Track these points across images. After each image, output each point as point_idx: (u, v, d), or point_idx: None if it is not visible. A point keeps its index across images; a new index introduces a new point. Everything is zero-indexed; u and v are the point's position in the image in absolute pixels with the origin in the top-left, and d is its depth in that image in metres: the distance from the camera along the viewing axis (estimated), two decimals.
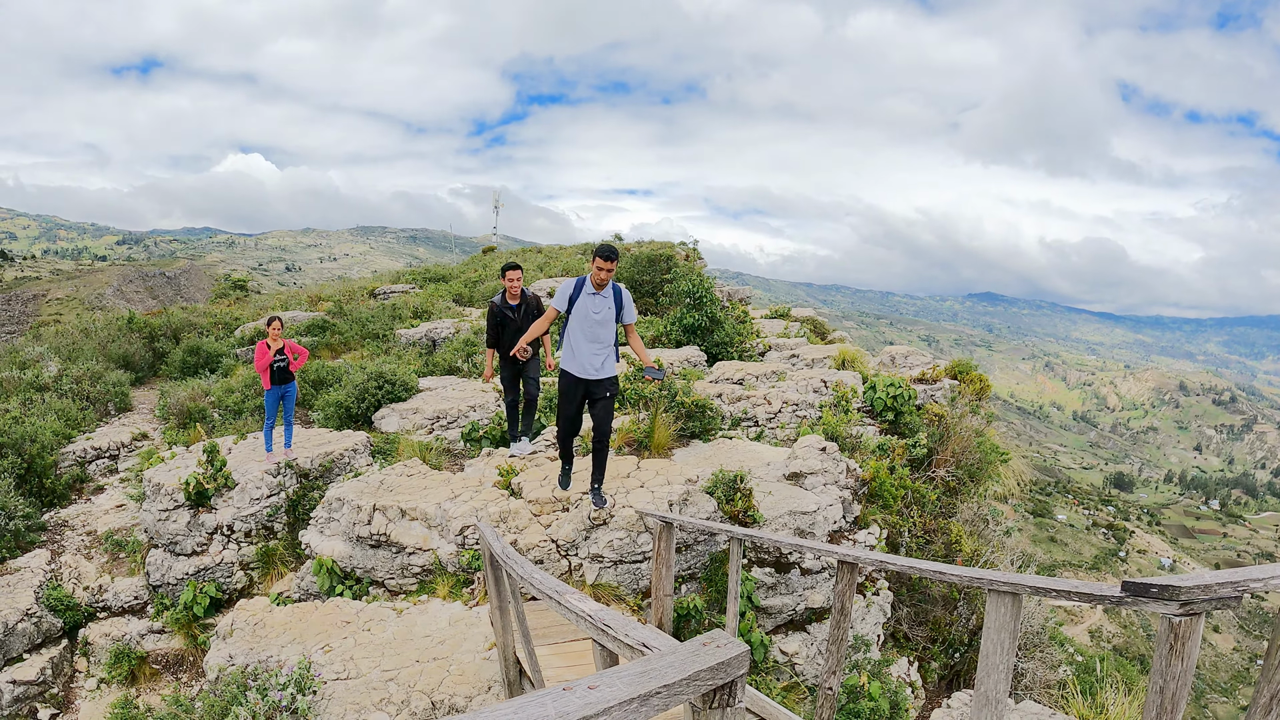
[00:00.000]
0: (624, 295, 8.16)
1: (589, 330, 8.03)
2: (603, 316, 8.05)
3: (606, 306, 8.04)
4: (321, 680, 6.23)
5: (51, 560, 10.49)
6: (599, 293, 7.99)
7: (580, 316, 8.01)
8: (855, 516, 9.40)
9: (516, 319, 10.11)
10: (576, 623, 2.64)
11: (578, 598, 2.75)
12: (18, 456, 12.02)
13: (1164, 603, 2.61)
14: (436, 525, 8.61)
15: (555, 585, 3.04)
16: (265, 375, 10.79)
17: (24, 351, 19.08)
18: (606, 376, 8.20)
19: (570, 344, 8.14)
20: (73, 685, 9.54)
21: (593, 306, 7.99)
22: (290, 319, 22.44)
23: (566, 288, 8.05)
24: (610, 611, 2.48)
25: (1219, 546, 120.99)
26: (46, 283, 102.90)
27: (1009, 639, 3.28)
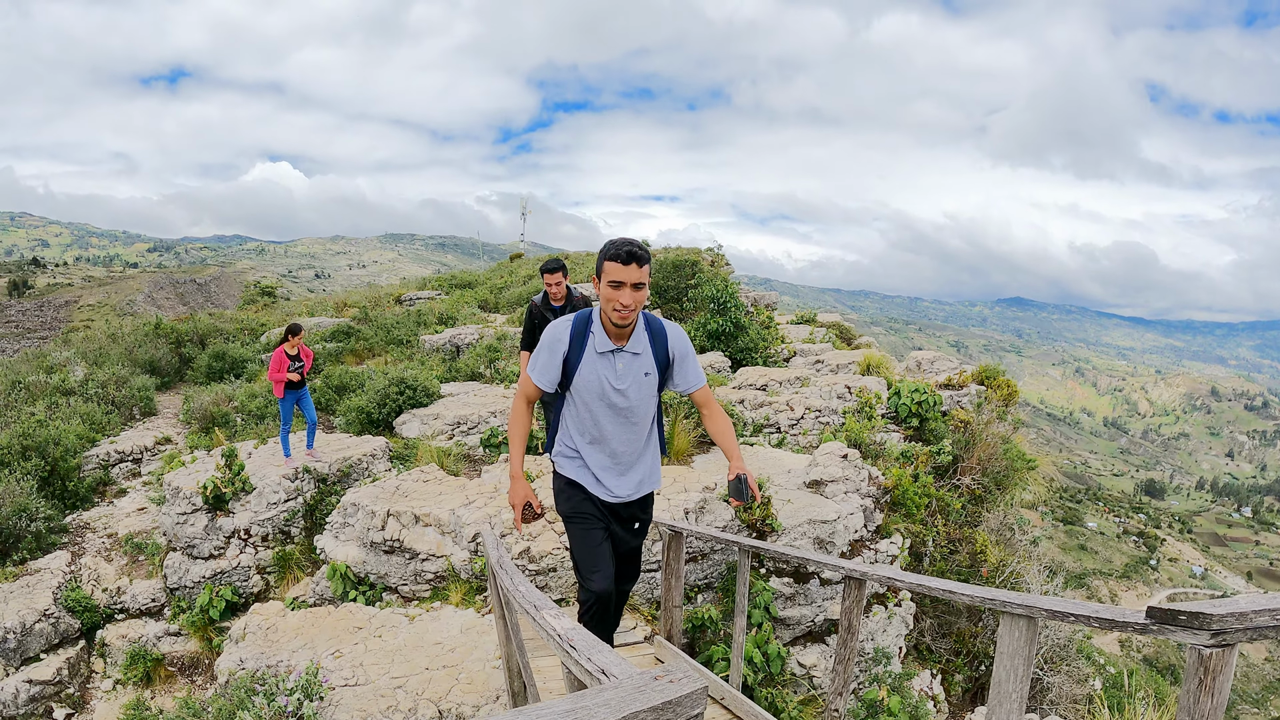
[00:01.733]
0: (671, 337, 4.52)
1: (612, 412, 4.48)
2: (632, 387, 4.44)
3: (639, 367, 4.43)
4: (330, 686, 6.16)
5: (72, 562, 10.51)
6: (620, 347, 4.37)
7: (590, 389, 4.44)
8: (877, 526, 9.25)
9: None
10: (547, 640, 2.52)
11: (553, 613, 2.61)
12: (41, 459, 12.08)
13: (1193, 632, 2.31)
14: (450, 531, 8.53)
15: (535, 598, 2.92)
16: (280, 384, 10.75)
17: (51, 356, 19.23)
18: (646, 494, 4.76)
19: (578, 433, 4.59)
20: (89, 686, 9.54)
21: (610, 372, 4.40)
22: (316, 325, 22.50)
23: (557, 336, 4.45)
24: (581, 632, 2.35)
25: (1251, 555, 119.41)
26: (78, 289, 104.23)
27: (1023, 665, 3.09)
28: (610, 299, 4.06)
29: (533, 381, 4.43)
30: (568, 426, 4.56)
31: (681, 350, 4.49)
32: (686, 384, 4.53)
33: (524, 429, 4.57)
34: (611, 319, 4.17)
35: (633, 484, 4.56)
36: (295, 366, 10.90)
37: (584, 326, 4.35)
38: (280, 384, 10.78)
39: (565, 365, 4.35)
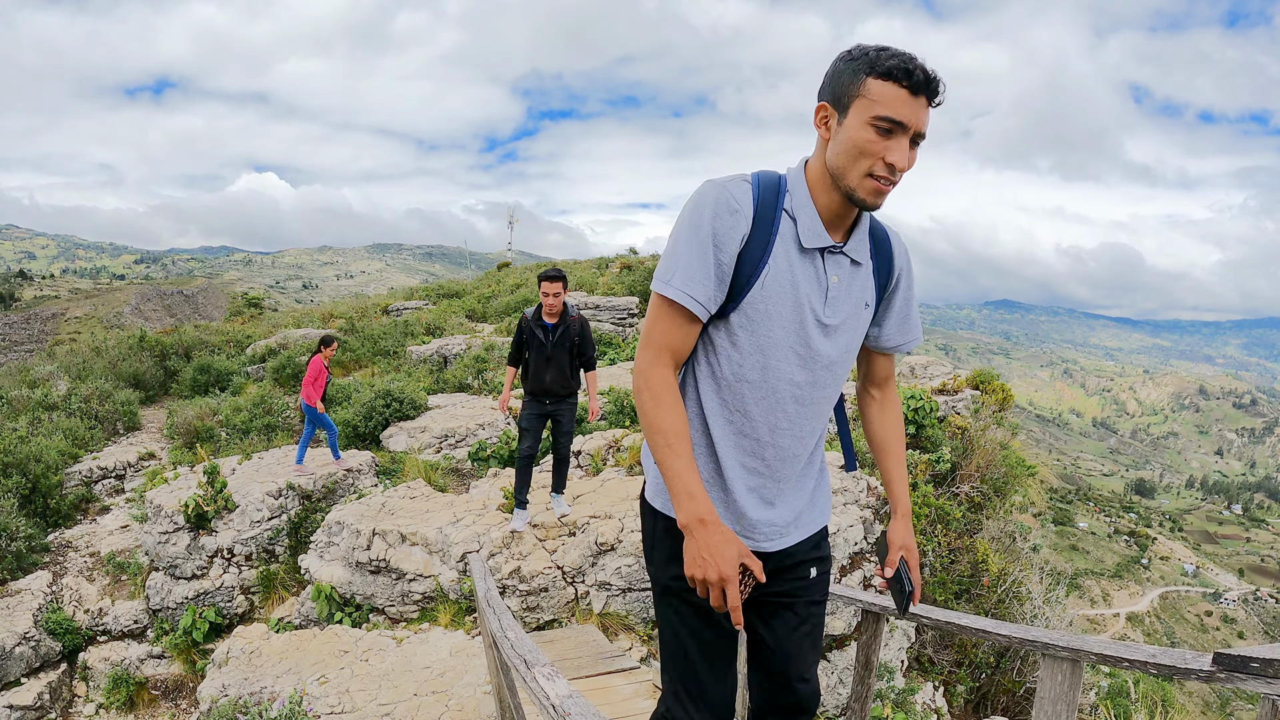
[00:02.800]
0: (897, 247, 2.53)
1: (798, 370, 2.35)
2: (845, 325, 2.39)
3: (858, 291, 2.40)
4: (314, 715, 5.94)
5: (53, 582, 10.28)
6: (837, 245, 2.31)
7: (775, 321, 2.29)
8: (876, 538, 9.06)
9: (549, 343, 7.65)
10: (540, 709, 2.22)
11: (546, 674, 2.21)
12: (22, 476, 11.85)
13: (1267, 681, 2.07)
14: (438, 551, 8.31)
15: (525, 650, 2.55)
16: (319, 391, 10.82)
17: (34, 370, 18.97)
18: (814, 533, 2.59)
19: (716, 417, 2.40)
20: (71, 710, 9.32)
21: (816, 290, 2.31)
22: (302, 336, 22.27)
23: (725, 201, 2.23)
24: (579, 701, 2.03)
25: (1242, 552, 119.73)
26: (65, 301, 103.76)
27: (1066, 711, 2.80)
28: (868, 150, 2.12)
29: (677, 302, 2.22)
30: (688, 404, 2.42)
31: (909, 273, 2.53)
32: (901, 337, 2.56)
33: (682, 421, 2.24)
34: (858, 192, 2.15)
35: (791, 514, 2.46)
36: (330, 377, 11.21)
37: (774, 197, 2.26)
38: (319, 391, 10.83)
39: (736, 269, 2.24)
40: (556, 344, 7.65)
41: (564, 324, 7.67)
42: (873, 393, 2.69)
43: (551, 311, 7.65)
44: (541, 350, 7.67)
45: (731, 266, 2.22)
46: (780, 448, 2.36)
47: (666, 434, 2.17)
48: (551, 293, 7.54)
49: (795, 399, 2.33)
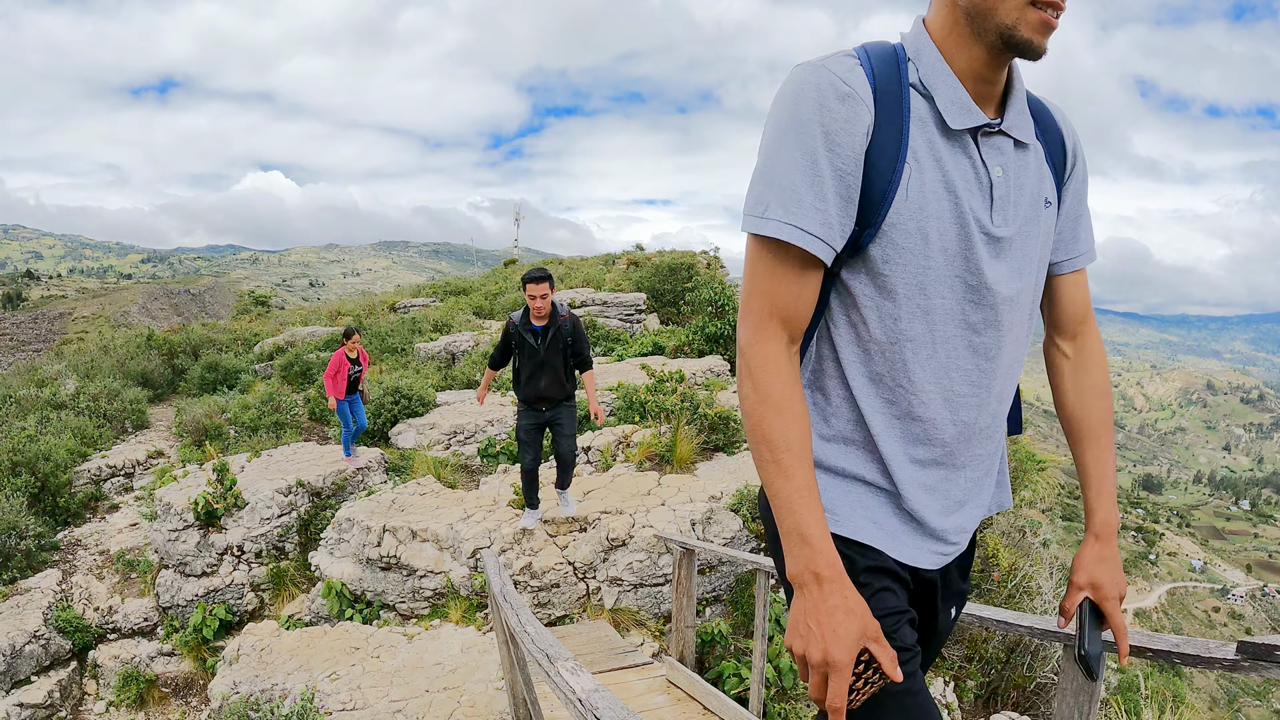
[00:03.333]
0: (1063, 121, 1.84)
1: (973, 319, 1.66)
2: (1022, 232, 1.67)
3: (1033, 182, 1.69)
4: (326, 711, 5.93)
5: (62, 580, 10.27)
6: (994, 122, 1.63)
7: (932, 239, 1.59)
8: None
9: (540, 348, 7.39)
10: (564, 704, 2.17)
11: (570, 668, 2.18)
12: (31, 475, 11.83)
13: None
14: (448, 547, 8.29)
15: (547, 645, 2.50)
16: (338, 385, 10.77)
17: (42, 369, 18.97)
18: None
19: (866, 391, 1.70)
20: (81, 709, 9.30)
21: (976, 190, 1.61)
22: (310, 334, 22.26)
23: (832, 85, 1.53)
24: (606, 695, 1.93)
25: (1250, 548, 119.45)
26: (72, 301, 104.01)
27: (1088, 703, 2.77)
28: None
29: (783, 242, 1.56)
30: (827, 385, 1.76)
31: (1083, 157, 1.88)
32: (1070, 249, 1.88)
33: (799, 425, 1.59)
34: (1018, 29, 1.51)
35: (981, 509, 1.86)
36: (353, 371, 11.00)
37: (893, 69, 1.62)
38: (339, 384, 10.78)
39: (864, 177, 1.58)
40: (548, 347, 7.36)
41: (554, 325, 7.36)
42: (1061, 345, 1.95)
43: (540, 314, 7.32)
44: (533, 355, 7.38)
45: (858, 175, 1.55)
46: (963, 424, 1.71)
47: (774, 444, 1.54)
48: (538, 295, 7.20)
49: (973, 351, 1.68)
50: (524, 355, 7.46)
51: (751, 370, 1.58)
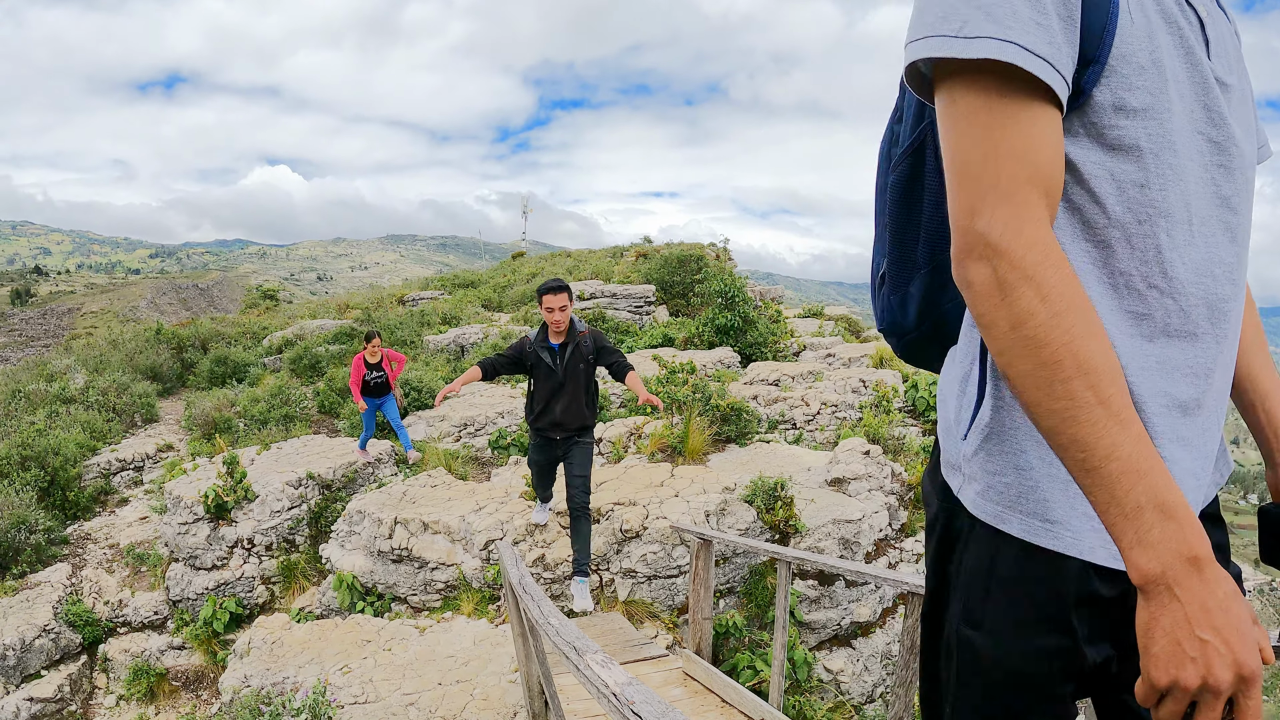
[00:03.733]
0: None
1: (1226, 191, 1.24)
2: (1242, 84, 1.29)
3: (1230, 31, 1.31)
4: (338, 705, 5.87)
5: (72, 574, 10.24)
6: None
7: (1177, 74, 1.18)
8: (902, 524, 8.96)
9: (558, 368, 6.68)
10: (596, 699, 2.02)
11: (600, 660, 2.10)
12: (41, 470, 11.81)
13: None
14: (460, 539, 8.23)
15: (573, 638, 2.37)
16: (357, 390, 10.75)
17: (51, 364, 18.96)
18: None
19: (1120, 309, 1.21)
20: (91, 702, 9.27)
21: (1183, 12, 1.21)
22: (318, 327, 22.19)
23: None
24: (640, 688, 1.85)
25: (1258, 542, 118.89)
26: (81, 296, 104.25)
27: None
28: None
29: (1019, 68, 1.07)
30: None
31: None
32: (1261, 134, 1.41)
33: (1108, 345, 1.07)
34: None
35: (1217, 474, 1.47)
36: (375, 376, 10.88)
37: None
38: (357, 388, 10.76)
39: None
40: (567, 367, 6.60)
41: (572, 341, 6.61)
42: None
43: (558, 329, 6.59)
44: (549, 376, 6.64)
45: None
46: (1225, 337, 1.27)
47: (1098, 375, 1.04)
48: (556, 306, 6.46)
49: (1231, 237, 1.26)
50: (539, 376, 6.70)
51: (1029, 271, 1.06)
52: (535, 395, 6.78)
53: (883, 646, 7.94)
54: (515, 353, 6.76)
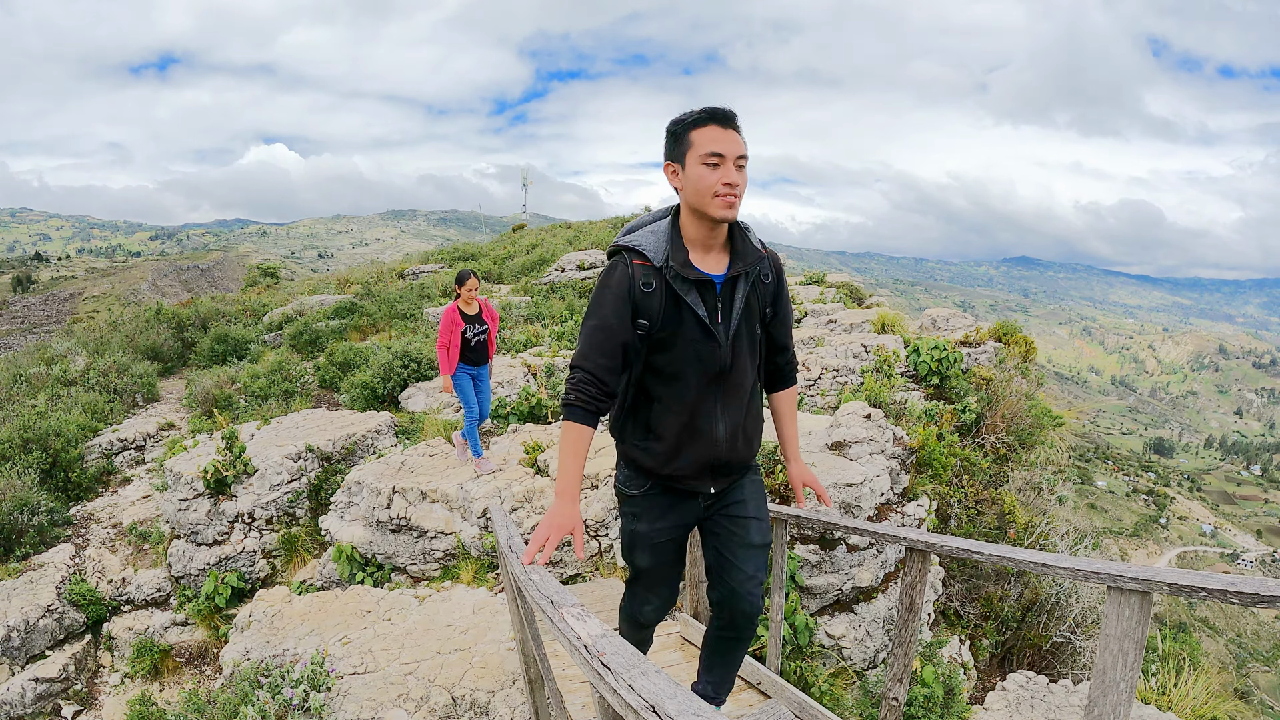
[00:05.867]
0: None
1: None
2: None
3: None
4: (337, 675, 5.86)
5: (76, 554, 10.25)
6: None
7: None
8: (904, 488, 8.91)
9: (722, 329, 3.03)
10: (570, 653, 1.97)
11: (575, 613, 2.10)
12: (43, 451, 11.82)
13: None
14: (459, 507, 8.21)
15: (551, 591, 2.37)
16: (450, 352, 8.24)
17: (52, 347, 18.97)
18: None
19: None
20: (96, 681, 9.30)
21: None
22: (318, 302, 22.16)
23: None
24: (614, 640, 1.85)
25: (1260, 513, 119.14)
26: (82, 281, 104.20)
27: (1134, 649, 2.58)
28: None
29: None
30: None
31: None
32: None
33: None
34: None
35: None
36: (477, 333, 8.32)
37: None
38: (451, 350, 8.24)
39: None
40: (737, 328, 3.18)
41: (746, 271, 3.14)
42: None
43: (714, 242, 3.12)
44: (702, 348, 3.13)
45: None
46: None
47: None
48: (726, 151, 2.91)
49: None
50: (677, 352, 3.15)
51: None
52: (659, 394, 3.24)
53: (885, 612, 7.91)
54: (615, 311, 3.08)
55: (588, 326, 3.09)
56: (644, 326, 3.08)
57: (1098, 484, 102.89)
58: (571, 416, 3.04)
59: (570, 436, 3.04)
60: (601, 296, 3.10)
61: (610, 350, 3.05)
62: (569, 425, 3.05)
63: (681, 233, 3.08)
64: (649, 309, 3.06)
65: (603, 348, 3.06)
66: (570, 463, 3.03)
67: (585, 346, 3.07)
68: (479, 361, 8.41)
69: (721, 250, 3.14)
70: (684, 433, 3.21)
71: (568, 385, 3.08)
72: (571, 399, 3.05)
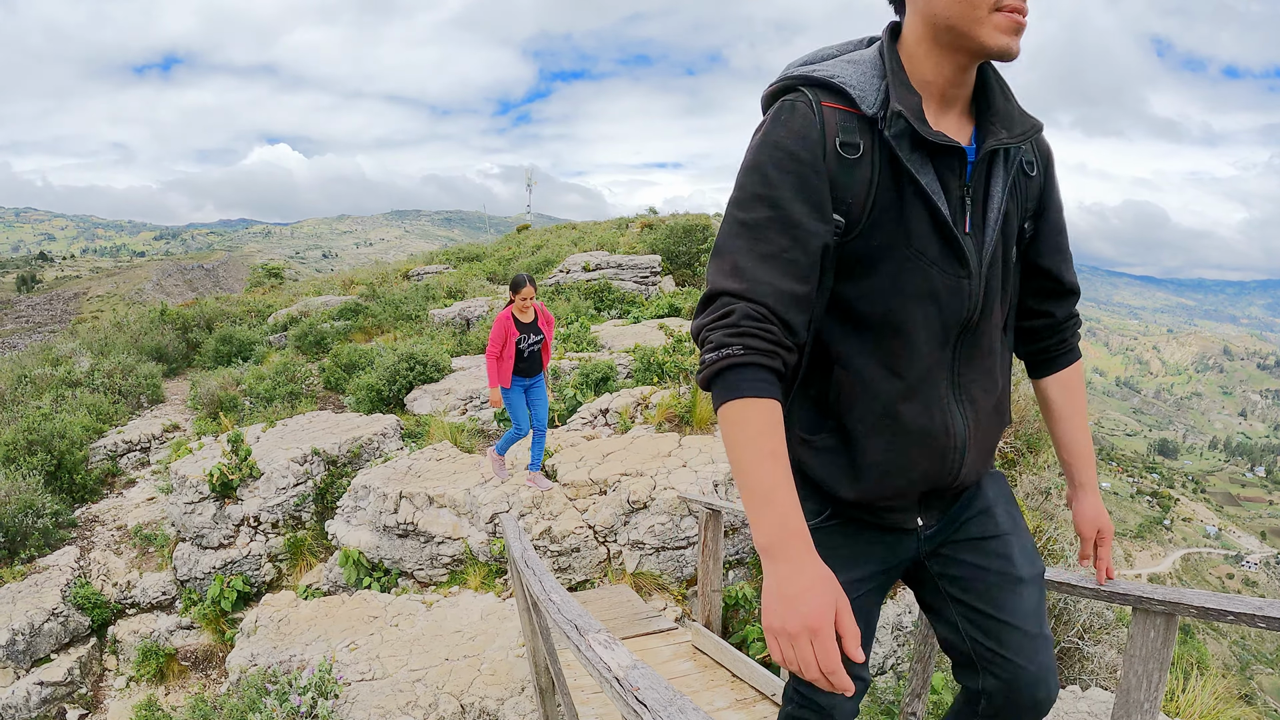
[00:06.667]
0: None
1: None
2: None
3: None
4: (345, 682, 5.82)
5: (80, 557, 10.21)
6: None
7: None
8: None
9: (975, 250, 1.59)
10: (599, 682, 1.78)
11: (602, 640, 1.91)
12: (47, 454, 11.77)
13: None
14: (466, 512, 8.17)
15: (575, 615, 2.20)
16: (503, 363, 7.66)
17: (56, 348, 18.95)
18: None
19: None
20: (101, 684, 9.26)
21: None
22: (323, 303, 22.12)
23: None
24: (647, 673, 1.65)
25: (1265, 514, 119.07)
26: (87, 281, 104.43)
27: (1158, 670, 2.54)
28: None
29: None
30: None
31: None
32: None
33: None
34: None
35: None
36: (532, 343, 7.79)
37: None
38: (504, 361, 7.68)
39: None
40: (995, 249, 1.83)
41: (1014, 127, 1.81)
42: None
43: (1013, 33, 1.69)
44: (936, 272, 1.76)
45: None
46: None
47: None
48: None
49: None
50: (888, 270, 1.77)
51: None
52: (852, 362, 1.84)
53: (893, 618, 7.87)
54: (800, 187, 1.67)
55: (744, 221, 1.68)
56: (836, 226, 1.72)
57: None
58: (743, 385, 1.58)
59: (754, 423, 1.56)
60: (767, 163, 1.69)
61: (795, 262, 1.65)
62: (743, 405, 1.57)
63: (905, 69, 1.75)
64: (848, 191, 1.70)
65: (780, 258, 1.65)
66: (771, 468, 1.55)
67: (745, 258, 1.65)
68: (533, 372, 7.88)
69: (964, 113, 1.83)
70: (894, 427, 1.82)
71: (718, 330, 1.62)
72: (736, 352, 1.59)
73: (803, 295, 1.65)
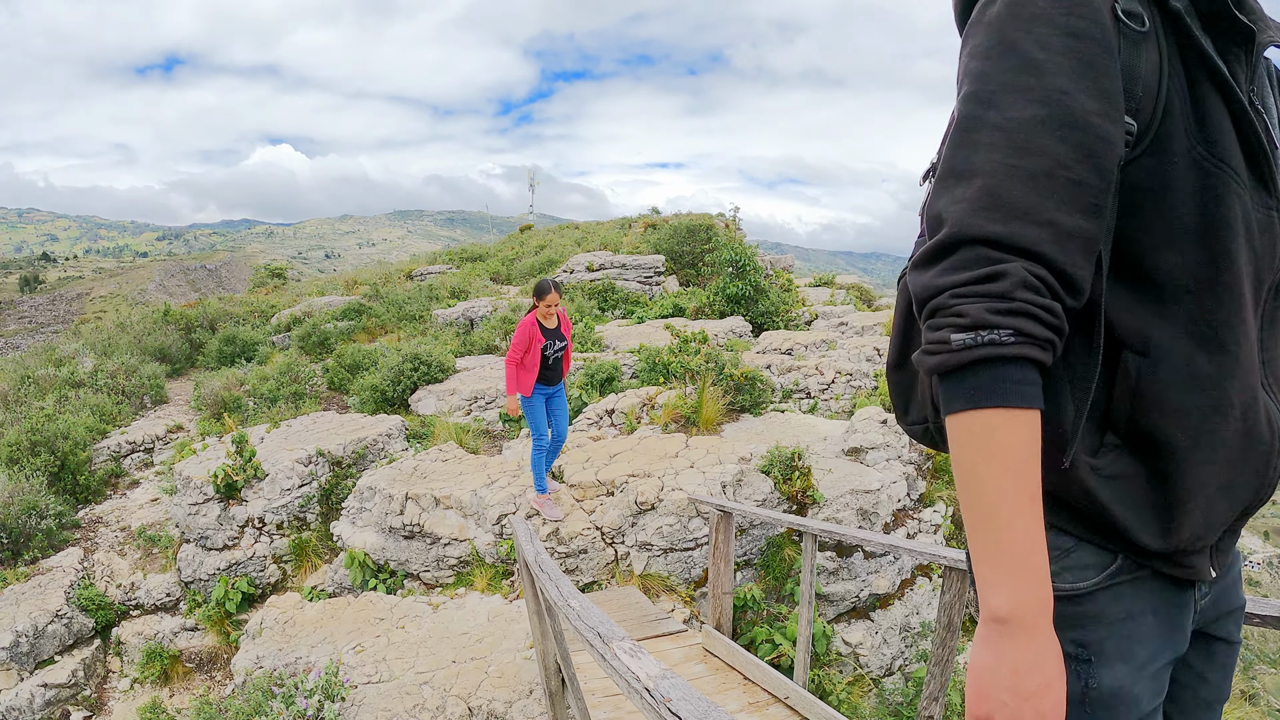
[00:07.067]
0: None
1: None
2: None
3: None
4: (351, 685, 5.77)
5: (84, 558, 10.17)
6: None
7: None
8: (920, 494, 8.81)
9: None
10: (627, 693, 1.69)
11: (628, 649, 1.84)
12: (50, 454, 11.73)
13: None
14: (472, 514, 8.12)
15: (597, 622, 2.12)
16: (526, 375, 7.36)
17: (60, 349, 18.92)
18: None
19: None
20: (105, 686, 9.23)
21: None
22: (326, 304, 22.07)
23: None
24: (677, 683, 1.57)
25: (1268, 514, 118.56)
26: (90, 281, 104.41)
27: None
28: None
29: None
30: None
31: None
32: None
33: None
34: None
35: None
36: (556, 350, 7.52)
37: None
38: (529, 375, 7.36)
39: None
40: None
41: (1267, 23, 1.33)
42: None
43: None
44: (1249, 202, 1.26)
45: None
46: None
47: None
48: None
49: None
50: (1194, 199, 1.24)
51: None
52: (1157, 340, 1.26)
53: (901, 619, 7.82)
54: (1082, 71, 1.17)
55: (998, 124, 1.18)
56: (1127, 132, 1.22)
57: None
58: (1008, 390, 1.11)
59: (1018, 448, 1.11)
60: (1025, 40, 1.20)
61: (1082, 184, 1.16)
62: (1005, 419, 1.11)
63: None
64: (1137, 82, 1.23)
65: (1061, 178, 1.15)
66: (1033, 517, 1.12)
67: (1007, 180, 1.15)
68: (555, 380, 7.55)
69: None
70: (1225, 430, 1.27)
71: (977, 301, 1.12)
72: (1004, 338, 1.11)
73: (1093, 237, 1.16)
